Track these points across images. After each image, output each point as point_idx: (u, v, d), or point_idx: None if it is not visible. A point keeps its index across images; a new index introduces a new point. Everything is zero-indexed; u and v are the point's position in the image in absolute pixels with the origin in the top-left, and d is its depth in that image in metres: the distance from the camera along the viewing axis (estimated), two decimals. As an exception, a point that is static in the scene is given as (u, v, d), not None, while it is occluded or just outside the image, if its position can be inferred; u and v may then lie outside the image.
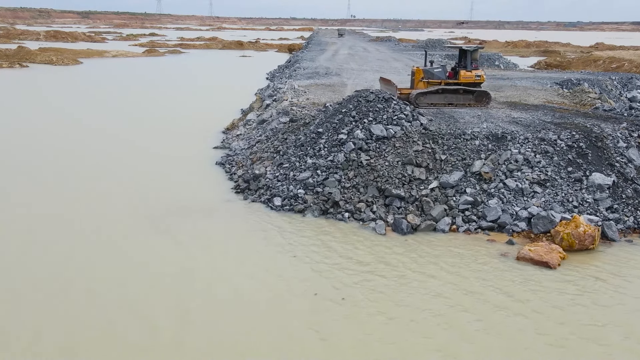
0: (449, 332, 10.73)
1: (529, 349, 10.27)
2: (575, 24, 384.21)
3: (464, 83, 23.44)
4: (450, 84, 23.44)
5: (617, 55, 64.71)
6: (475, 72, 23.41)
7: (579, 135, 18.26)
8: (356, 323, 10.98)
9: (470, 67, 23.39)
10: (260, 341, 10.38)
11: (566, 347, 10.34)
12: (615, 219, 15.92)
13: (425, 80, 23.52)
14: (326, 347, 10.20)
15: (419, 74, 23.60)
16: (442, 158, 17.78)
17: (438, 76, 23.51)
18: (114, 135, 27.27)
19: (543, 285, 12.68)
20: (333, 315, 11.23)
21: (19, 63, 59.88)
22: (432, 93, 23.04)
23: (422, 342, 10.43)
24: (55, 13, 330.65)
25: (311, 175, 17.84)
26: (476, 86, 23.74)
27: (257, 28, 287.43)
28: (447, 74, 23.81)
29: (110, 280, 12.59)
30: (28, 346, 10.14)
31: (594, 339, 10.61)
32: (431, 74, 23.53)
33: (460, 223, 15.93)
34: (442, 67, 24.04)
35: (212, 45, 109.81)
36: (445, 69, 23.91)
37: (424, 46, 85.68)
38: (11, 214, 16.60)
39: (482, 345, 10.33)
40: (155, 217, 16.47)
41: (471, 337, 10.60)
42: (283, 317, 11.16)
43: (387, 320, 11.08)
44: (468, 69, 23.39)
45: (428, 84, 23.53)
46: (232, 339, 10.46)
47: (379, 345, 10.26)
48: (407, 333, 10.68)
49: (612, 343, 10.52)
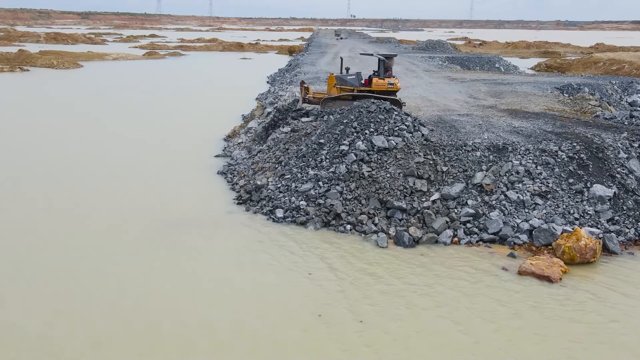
0: (451, 346, 10.78)
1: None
2: (576, 23, 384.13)
3: (377, 91, 23.57)
4: (363, 91, 23.65)
5: (618, 57, 64.71)
6: (388, 80, 23.56)
7: (580, 146, 18.31)
8: (360, 342, 11.04)
9: (383, 75, 23.54)
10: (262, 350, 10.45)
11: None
12: (617, 230, 15.98)
13: (338, 87, 23.96)
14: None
15: (332, 80, 24.19)
16: (443, 170, 17.84)
17: (351, 83, 24.01)
18: (112, 143, 27.31)
19: (545, 299, 12.73)
20: (335, 335, 11.29)
21: (19, 67, 59.95)
22: (342, 99, 23.38)
23: (421, 356, 10.50)
24: (55, 14, 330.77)
25: (313, 187, 17.90)
26: (390, 94, 23.78)
27: (257, 28, 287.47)
28: (362, 81, 24.04)
29: (104, 294, 12.64)
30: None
31: (597, 354, 10.67)
32: (344, 81, 24.03)
33: (462, 235, 15.98)
34: (357, 74, 24.45)
35: (212, 47, 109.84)
36: (360, 76, 24.26)
37: (424, 47, 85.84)
38: (11, 215, 16.66)
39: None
40: (156, 228, 16.51)
41: (471, 351, 10.65)
42: (284, 339, 11.22)
43: (389, 334, 11.14)
44: (381, 77, 23.55)
45: (341, 90, 23.94)
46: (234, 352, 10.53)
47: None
48: (406, 347, 10.74)
49: (615, 357, 10.58)
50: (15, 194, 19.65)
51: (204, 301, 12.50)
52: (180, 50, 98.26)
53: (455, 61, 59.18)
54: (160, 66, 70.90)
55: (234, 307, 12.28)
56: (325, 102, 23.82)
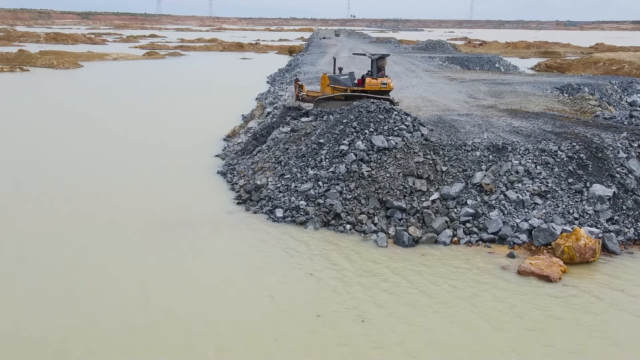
0: (451, 346, 10.80)
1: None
2: (576, 23, 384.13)
3: (370, 91, 23.59)
4: (356, 91, 23.67)
5: (618, 57, 64.73)
6: (381, 80, 23.56)
7: (580, 146, 18.32)
8: (362, 342, 11.05)
9: (376, 74, 23.55)
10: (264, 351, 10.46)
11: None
12: (616, 230, 15.99)
13: (332, 86, 24.03)
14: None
15: (325, 80, 24.32)
16: (443, 169, 17.85)
17: (344, 83, 24.09)
18: (112, 143, 27.32)
19: (544, 299, 12.74)
20: (337, 336, 11.30)
21: (19, 67, 59.97)
22: (334, 99, 23.42)
23: (422, 355, 10.51)
24: (55, 14, 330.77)
25: (312, 187, 17.91)
26: (383, 94, 23.78)
27: (257, 28, 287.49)
28: (355, 81, 24.05)
29: (104, 293, 12.65)
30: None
31: (596, 353, 10.68)
32: (337, 81, 24.10)
33: (462, 235, 15.99)
34: (350, 74, 24.50)
35: (212, 47, 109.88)
36: (353, 76, 24.28)
37: (424, 48, 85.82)
38: (12, 215, 16.67)
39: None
40: (156, 227, 16.53)
41: (471, 350, 10.66)
42: (283, 338, 11.23)
43: (388, 333, 11.16)
44: (374, 77, 23.56)
45: (334, 89, 23.99)
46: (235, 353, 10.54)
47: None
48: (403, 348, 10.75)
49: (614, 356, 10.59)
50: (15, 194, 19.66)
51: (204, 301, 12.51)
52: (180, 51, 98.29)
53: (455, 61, 59.19)
54: (160, 66, 70.91)
55: (234, 307, 12.29)
56: (318, 102, 24.01)
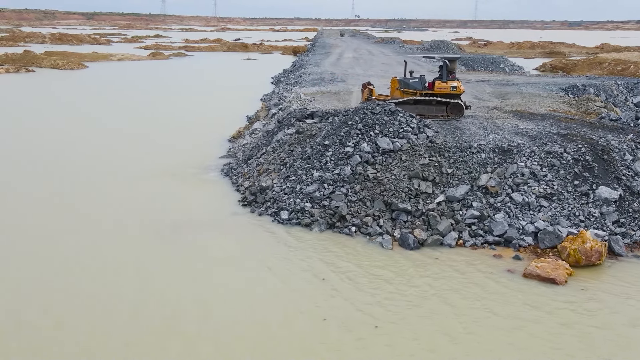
0: (456, 350, 10.79)
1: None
2: (580, 23, 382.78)
3: (439, 94, 23.53)
4: (427, 95, 23.59)
5: (623, 57, 64.45)
6: (451, 83, 23.44)
7: (585, 148, 18.27)
8: (367, 347, 11.06)
9: (446, 77, 23.46)
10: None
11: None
12: (622, 233, 15.94)
13: (401, 90, 23.99)
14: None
15: (394, 83, 24.23)
16: (448, 172, 17.83)
17: (414, 86, 23.89)
18: (117, 143, 27.42)
19: (550, 302, 12.72)
20: (344, 340, 11.32)
21: (25, 68, 60.24)
22: (404, 103, 23.32)
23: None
24: (60, 14, 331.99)
25: (318, 189, 17.93)
26: (454, 97, 23.65)
27: (262, 28, 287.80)
28: (426, 84, 23.98)
29: (109, 294, 12.70)
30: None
31: (602, 356, 10.66)
32: (407, 84, 23.94)
33: (467, 237, 15.97)
34: (420, 77, 24.29)
35: (216, 48, 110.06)
36: (424, 80, 24.11)
37: (428, 48, 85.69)
38: (17, 215, 16.76)
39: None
40: (160, 229, 16.59)
41: (478, 352, 10.66)
42: (292, 339, 11.26)
43: (392, 338, 11.17)
44: (443, 80, 23.49)
45: (404, 93, 23.92)
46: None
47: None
48: (409, 349, 10.76)
49: (621, 358, 10.59)
50: (21, 194, 19.76)
51: (209, 303, 12.55)
52: (185, 51, 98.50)
53: (460, 62, 59.02)
54: (165, 67, 71.10)
55: (239, 309, 12.32)
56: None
